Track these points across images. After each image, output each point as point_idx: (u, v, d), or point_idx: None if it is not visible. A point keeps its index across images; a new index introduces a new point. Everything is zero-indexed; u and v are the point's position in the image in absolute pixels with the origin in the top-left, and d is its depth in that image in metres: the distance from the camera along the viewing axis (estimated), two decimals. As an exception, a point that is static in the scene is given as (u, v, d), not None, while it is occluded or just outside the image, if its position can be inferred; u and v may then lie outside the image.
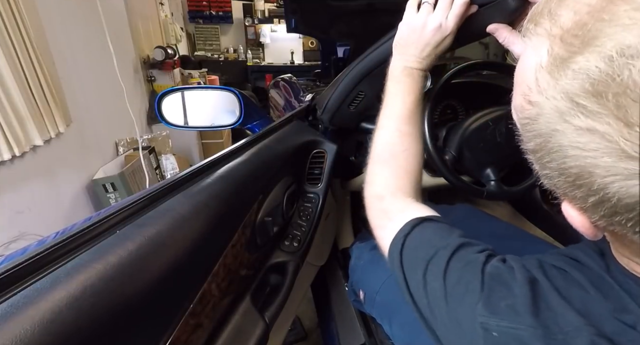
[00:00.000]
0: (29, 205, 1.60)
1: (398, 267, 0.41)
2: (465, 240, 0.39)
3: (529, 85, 0.28)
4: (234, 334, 0.51)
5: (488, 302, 0.33)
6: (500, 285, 0.34)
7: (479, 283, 0.34)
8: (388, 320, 0.77)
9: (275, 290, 0.65)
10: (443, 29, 0.54)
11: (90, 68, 2.12)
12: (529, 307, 0.31)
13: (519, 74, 0.31)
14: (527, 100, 0.29)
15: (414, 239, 0.42)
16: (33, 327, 0.28)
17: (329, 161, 0.83)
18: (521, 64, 0.31)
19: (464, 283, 0.35)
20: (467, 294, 0.35)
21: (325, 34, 1.65)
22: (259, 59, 5.40)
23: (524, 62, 0.30)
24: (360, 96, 0.86)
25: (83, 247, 0.36)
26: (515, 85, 0.32)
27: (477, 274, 0.35)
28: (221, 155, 0.58)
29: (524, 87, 0.29)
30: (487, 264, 0.36)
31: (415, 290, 0.39)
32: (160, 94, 0.99)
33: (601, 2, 0.24)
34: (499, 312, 0.32)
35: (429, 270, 0.38)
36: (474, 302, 0.34)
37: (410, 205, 0.49)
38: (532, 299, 0.31)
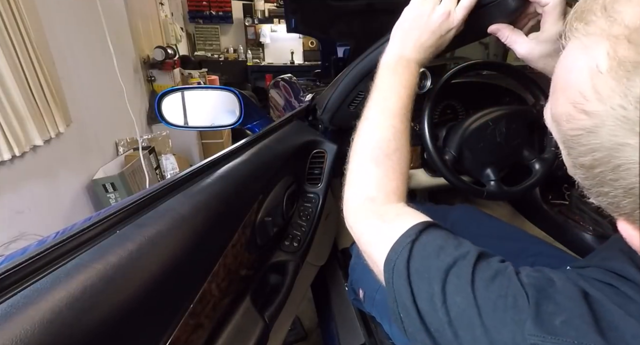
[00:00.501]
0: (29, 205, 1.60)
1: (404, 276, 0.35)
2: (483, 250, 0.35)
3: (582, 93, 0.25)
4: (234, 334, 0.51)
5: (538, 320, 0.28)
6: (547, 299, 0.29)
7: (522, 296, 0.30)
8: (388, 320, 0.77)
9: (275, 290, 0.65)
10: (451, 19, 0.51)
11: (90, 68, 2.12)
12: (590, 323, 0.27)
13: (561, 78, 0.28)
14: (579, 110, 0.25)
15: (423, 245, 0.36)
16: (33, 327, 0.28)
17: (329, 161, 0.83)
18: (563, 67, 0.28)
19: (503, 297, 0.30)
20: (509, 309, 0.29)
21: (325, 34, 1.65)
22: (259, 59, 5.40)
23: (567, 65, 0.27)
24: (360, 96, 0.86)
25: (83, 247, 0.36)
26: (556, 90, 0.29)
27: (517, 285, 0.30)
28: (221, 155, 0.58)
29: (573, 94, 0.26)
30: (521, 275, 0.32)
31: (428, 304, 0.33)
32: (160, 94, 0.99)
33: None
34: (556, 332, 0.27)
35: (449, 282, 0.33)
36: (520, 320, 0.28)
37: (407, 209, 0.44)
38: (591, 314, 0.27)
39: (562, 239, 1.12)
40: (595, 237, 1.06)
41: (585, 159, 0.26)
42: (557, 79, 0.29)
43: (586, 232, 1.07)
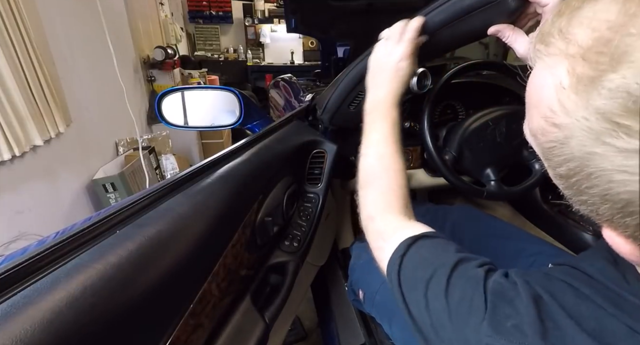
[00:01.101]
0: (29, 205, 1.60)
1: (397, 287, 0.41)
2: (463, 256, 0.39)
3: (550, 107, 0.27)
4: (234, 334, 0.51)
5: (493, 322, 0.32)
6: (504, 303, 0.33)
7: (482, 301, 0.34)
8: (388, 320, 0.77)
9: (275, 290, 0.65)
10: (402, 55, 0.60)
11: (90, 68, 2.12)
12: (536, 327, 0.30)
13: (533, 96, 0.30)
14: (550, 123, 0.27)
15: (410, 259, 0.42)
16: (33, 327, 0.28)
17: (329, 161, 0.83)
18: (533, 85, 0.30)
19: (467, 301, 0.35)
20: (472, 313, 0.34)
21: (325, 34, 1.65)
22: (259, 59, 5.41)
23: (536, 84, 0.29)
24: (360, 96, 0.86)
25: (83, 247, 0.36)
26: (530, 107, 0.31)
27: (480, 290, 0.34)
28: (221, 155, 0.58)
29: (543, 109, 0.28)
30: (489, 280, 0.35)
31: (416, 310, 0.38)
32: (160, 94, 0.99)
33: (622, 17, 0.23)
34: (505, 333, 0.31)
35: (429, 289, 0.38)
36: (478, 322, 0.33)
37: (402, 223, 0.48)
38: (539, 318, 0.30)
39: (562, 239, 1.12)
40: (595, 236, 1.06)
41: (562, 169, 0.28)
42: (529, 96, 0.31)
43: (586, 232, 1.07)
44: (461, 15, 0.58)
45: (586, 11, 0.26)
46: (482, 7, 0.56)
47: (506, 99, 1.06)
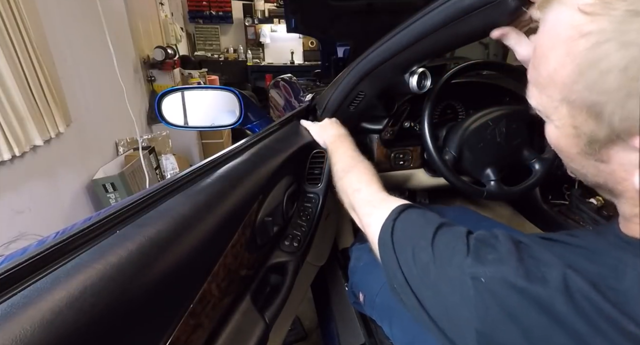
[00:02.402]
0: (29, 205, 1.60)
1: (390, 248, 0.44)
2: (446, 220, 0.43)
3: (574, 25, 0.29)
4: (234, 334, 0.51)
5: (475, 257, 0.36)
6: (486, 246, 0.36)
7: (465, 246, 0.37)
8: (388, 322, 0.77)
9: (275, 290, 0.65)
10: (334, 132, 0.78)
11: (90, 68, 2.13)
12: (514, 257, 0.34)
13: (553, 33, 0.32)
14: (579, 34, 0.28)
15: (402, 221, 0.46)
16: (33, 327, 0.28)
17: (329, 161, 0.83)
18: (553, 22, 0.32)
19: (451, 247, 0.38)
20: (455, 254, 0.37)
21: (325, 34, 1.65)
22: (259, 59, 5.41)
23: (555, 20, 0.31)
24: (360, 96, 0.86)
25: (83, 247, 0.36)
26: (553, 46, 0.31)
27: (463, 239, 0.38)
28: (221, 155, 0.58)
29: (566, 31, 0.29)
30: (472, 234, 0.39)
31: (405, 264, 0.42)
32: (160, 94, 0.99)
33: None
34: (487, 263, 0.35)
35: (417, 244, 0.42)
36: (462, 259, 0.36)
37: (388, 197, 0.53)
38: (517, 252, 0.34)
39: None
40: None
41: (609, 77, 0.26)
42: (547, 36, 0.31)
43: (586, 232, 1.07)
44: (461, 15, 0.58)
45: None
46: (482, 7, 0.56)
47: (506, 99, 1.06)
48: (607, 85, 0.26)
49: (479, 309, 0.34)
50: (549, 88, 0.32)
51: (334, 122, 0.82)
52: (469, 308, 0.34)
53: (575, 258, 0.32)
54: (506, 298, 0.32)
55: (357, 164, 0.65)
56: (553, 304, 0.30)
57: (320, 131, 0.82)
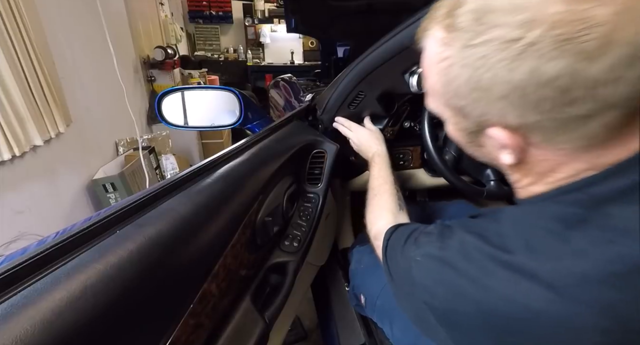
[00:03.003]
0: (29, 205, 1.60)
1: (384, 261, 0.53)
2: (417, 226, 0.52)
3: (437, 56, 0.39)
4: (234, 333, 0.51)
5: (417, 244, 0.46)
6: (425, 235, 0.47)
7: (413, 239, 0.48)
8: (389, 324, 0.77)
9: (275, 290, 0.65)
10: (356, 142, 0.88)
11: (90, 68, 2.13)
12: (438, 237, 0.43)
13: (428, 59, 0.42)
14: (443, 64, 0.38)
15: (392, 240, 0.54)
16: (33, 327, 0.28)
17: (329, 161, 0.83)
18: (428, 51, 0.41)
19: (403, 243, 0.49)
20: (406, 248, 0.48)
21: (325, 34, 1.65)
22: (259, 59, 5.41)
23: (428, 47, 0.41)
24: (360, 96, 0.86)
25: (83, 247, 0.36)
26: (427, 69, 0.42)
27: (414, 233, 0.49)
28: (221, 155, 0.58)
29: (436, 68, 0.40)
30: (425, 228, 0.50)
31: (391, 269, 0.51)
32: (160, 94, 0.99)
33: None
34: (422, 245, 0.45)
35: (398, 251, 0.51)
36: (409, 249, 0.47)
37: (389, 222, 0.63)
38: (441, 233, 0.44)
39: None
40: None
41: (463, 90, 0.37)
42: (426, 58, 0.40)
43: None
44: None
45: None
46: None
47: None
48: (462, 93, 0.35)
49: (419, 282, 0.43)
50: (434, 96, 0.41)
51: (381, 136, 0.87)
52: (415, 285, 0.43)
53: (480, 224, 0.41)
54: (431, 267, 0.42)
55: (385, 189, 0.73)
56: (455, 262, 0.39)
57: (369, 139, 0.85)
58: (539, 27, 0.28)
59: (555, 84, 0.29)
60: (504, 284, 0.34)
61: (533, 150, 0.36)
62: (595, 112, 0.31)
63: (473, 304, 0.36)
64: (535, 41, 0.29)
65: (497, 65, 0.31)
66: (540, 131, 0.34)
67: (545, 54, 0.29)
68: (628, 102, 0.30)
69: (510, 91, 0.32)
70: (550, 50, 0.28)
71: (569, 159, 0.35)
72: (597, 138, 0.33)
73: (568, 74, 0.29)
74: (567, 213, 0.34)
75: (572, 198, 0.35)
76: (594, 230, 0.32)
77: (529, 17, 0.29)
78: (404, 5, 1.42)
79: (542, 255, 0.33)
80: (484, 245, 0.37)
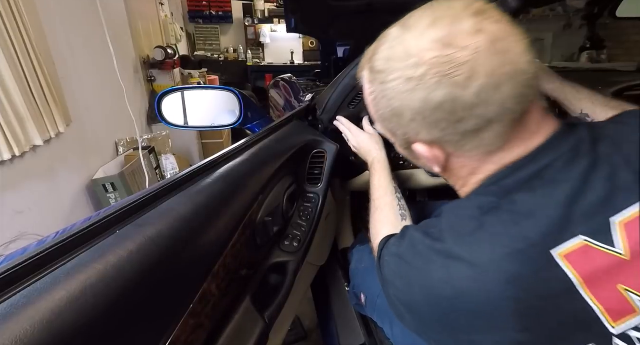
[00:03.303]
0: (29, 205, 1.60)
1: (378, 268, 0.55)
2: (411, 227, 0.55)
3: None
4: (234, 333, 0.51)
5: (387, 247, 0.53)
6: (395, 238, 0.53)
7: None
8: (389, 323, 0.77)
9: (275, 290, 0.65)
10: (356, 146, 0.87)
11: (90, 68, 2.13)
12: (399, 237, 0.51)
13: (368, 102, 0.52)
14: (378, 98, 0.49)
15: (385, 251, 0.57)
16: (33, 327, 0.28)
17: (329, 161, 0.83)
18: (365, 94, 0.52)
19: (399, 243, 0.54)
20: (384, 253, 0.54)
21: (325, 34, 1.65)
22: (259, 59, 5.41)
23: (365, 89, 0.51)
24: (360, 96, 0.86)
25: (83, 247, 0.36)
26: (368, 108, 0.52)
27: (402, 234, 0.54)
28: (221, 155, 0.58)
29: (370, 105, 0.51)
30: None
31: (387, 274, 0.54)
32: (160, 94, 0.99)
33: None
34: (389, 247, 0.52)
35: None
36: (384, 254, 0.53)
37: (384, 237, 0.65)
38: (403, 233, 0.51)
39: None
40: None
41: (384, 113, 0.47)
42: (364, 91, 0.49)
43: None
44: None
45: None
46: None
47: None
48: (387, 118, 0.45)
49: (386, 278, 0.49)
50: (375, 122, 0.50)
51: (380, 140, 0.83)
52: (385, 282, 0.49)
53: (428, 221, 0.49)
54: (392, 263, 0.49)
55: (386, 201, 0.74)
56: (407, 256, 0.47)
57: (369, 143, 0.83)
58: (423, 67, 0.38)
59: (443, 108, 0.39)
60: (440, 269, 0.41)
61: (453, 159, 0.46)
62: (481, 127, 0.40)
63: (422, 290, 0.43)
64: (423, 77, 0.38)
65: (401, 96, 0.41)
66: (449, 144, 0.43)
67: (431, 86, 0.38)
68: (504, 117, 0.39)
69: (415, 115, 0.41)
70: (433, 84, 0.38)
71: (482, 163, 0.44)
72: (494, 144, 0.42)
73: (450, 100, 0.38)
74: (484, 202, 0.42)
75: (488, 190, 0.43)
76: (503, 214, 0.40)
77: (416, 62, 0.39)
78: (403, 5, 1.41)
79: (465, 239, 0.41)
80: (426, 239, 0.45)
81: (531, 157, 0.41)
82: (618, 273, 0.36)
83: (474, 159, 0.44)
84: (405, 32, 0.41)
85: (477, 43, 0.37)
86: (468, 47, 0.37)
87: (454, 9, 0.39)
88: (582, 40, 2.37)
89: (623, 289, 0.36)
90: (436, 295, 0.41)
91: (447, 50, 0.37)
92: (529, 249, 0.37)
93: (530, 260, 0.37)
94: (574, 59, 3.68)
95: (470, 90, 0.37)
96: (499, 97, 0.38)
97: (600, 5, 1.65)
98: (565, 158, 0.40)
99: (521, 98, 0.39)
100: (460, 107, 0.38)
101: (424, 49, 0.38)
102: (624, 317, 0.36)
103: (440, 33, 0.38)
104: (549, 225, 0.37)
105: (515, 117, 0.40)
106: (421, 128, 0.42)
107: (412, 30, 0.41)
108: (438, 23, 0.39)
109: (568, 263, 0.36)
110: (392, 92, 0.42)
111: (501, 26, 0.38)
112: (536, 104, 0.42)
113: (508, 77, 0.37)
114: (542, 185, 0.40)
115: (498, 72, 0.37)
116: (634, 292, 0.36)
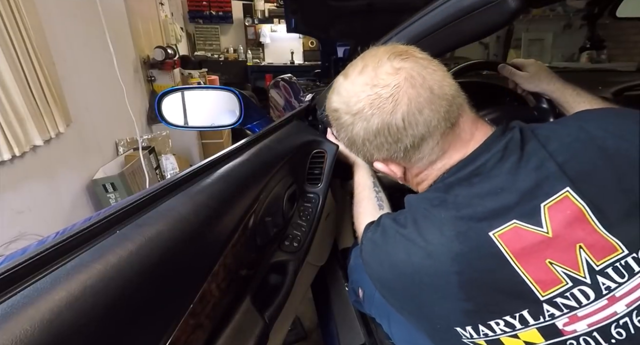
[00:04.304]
0: (29, 205, 1.60)
1: (360, 252, 0.60)
2: (388, 215, 0.60)
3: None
4: (234, 333, 0.51)
5: (365, 234, 0.59)
6: (374, 226, 0.59)
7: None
8: (387, 319, 0.77)
9: (275, 290, 0.65)
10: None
11: (90, 68, 2.13)
12: (375, 225, 0.57)
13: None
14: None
15: (367, 237, 0.61)
16: (33, 327, 0.28)
17: (329, 161, 0.83)
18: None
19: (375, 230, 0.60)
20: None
21: (325, 34, 1.65)
22: (259, 59, 5.41)
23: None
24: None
25: (83, 247, 0.36)
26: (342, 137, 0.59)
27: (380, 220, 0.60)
28: (221, 155, 0.58)
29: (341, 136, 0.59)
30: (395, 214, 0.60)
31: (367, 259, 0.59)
32: (160, 94, 0.99)
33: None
34: (367, 232, 0.58)
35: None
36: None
37: (364, 225, 0.68)
38: (377, 221, 0.58)
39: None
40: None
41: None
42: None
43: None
44: (461, 15, 0.58)
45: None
46: (482, 7, 0.56)
47: (506, 99, 1.06)
48: (348, 145, 0.56)
49: (365, 260, 0.56)
50: (346, 144, 0.57)
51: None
52: (365, 264, 0.56)
53: (401, 211, 0.55)
54: (367, 247, 0.56)
55: (365, 195, 0.79)
56: (378, 239, 0.54)
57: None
58: (360, 103, 0.49)
59: (381, 132, 0.49)
60: (403, 250, 0.49)
61: (407, 170, 0.56)
62: (417, 143, 0.49)
63: (390, 268, 0.51)
64: (361, 111, 0.50)
65: (350, 128, 0.52)
66: (398, 159, 0.53)
67: (368, 117, 0.49)
68: (434, 133, 0.49)
69: (364, 141, 0.52)
70: (369, 115, 0.49)
71: (430, 170, 0.53)
72: (434, 154, 0.51)
73: (385, 126, 0.48)
74: (433, 197, 0.51)
75: (436, 187, 0.52)
76: (448, 205, 0.48)
77: (355, 100, 0.50)
78: (404, 5, 1.42)
79: (420, 225, 0.49)
80: (394, 225, 0.53)
81: (468, 160, 0.50)
82: (544, 249, 0.43)
83: (423, 168, 0.54)
84: (345, 80, 0.53)
85: (397, 80, 0.47)
86: (389, 85, 0.47)
87: (378, 56, 0.50)
88: (582, 40, 2.37)
89: (549, 262, 0.42)
90: (400, 272, 0.50)
91: (374, 89, 0.48)
92: (469, 231, 0.45)
93: (470, 240, 0.45)
94: (574, 59, 3.70)
95: (397, 115, 0.47)
96: (423, 118, 0.47)
97: (600, 5, 1.65)
98: (497, 156, 0.48)
99: (445, 115, 0.48)
100: (394, 130, 0.48)
101: (358, 91, 0.50)
102: (551, 286, 0.42)
103: (367, 77, 0.49)
104: (485, 212, 0.45)
105: (445, 131, 0.49)
106: (372, 150, 0.52)
107: (348, 77, 0.52)
108: (364, 70, 0.50)
109: (502, 242, 0.43)
110: (344, 125, 0.53)
111: (417, 63, 0.48)
112: (464, 116, 0.52)
113: (427, 102, 0.47)
114: (479, 181, 0.47)
115: (417, 100, 0.47)
116: (558, 265, 0.42)
